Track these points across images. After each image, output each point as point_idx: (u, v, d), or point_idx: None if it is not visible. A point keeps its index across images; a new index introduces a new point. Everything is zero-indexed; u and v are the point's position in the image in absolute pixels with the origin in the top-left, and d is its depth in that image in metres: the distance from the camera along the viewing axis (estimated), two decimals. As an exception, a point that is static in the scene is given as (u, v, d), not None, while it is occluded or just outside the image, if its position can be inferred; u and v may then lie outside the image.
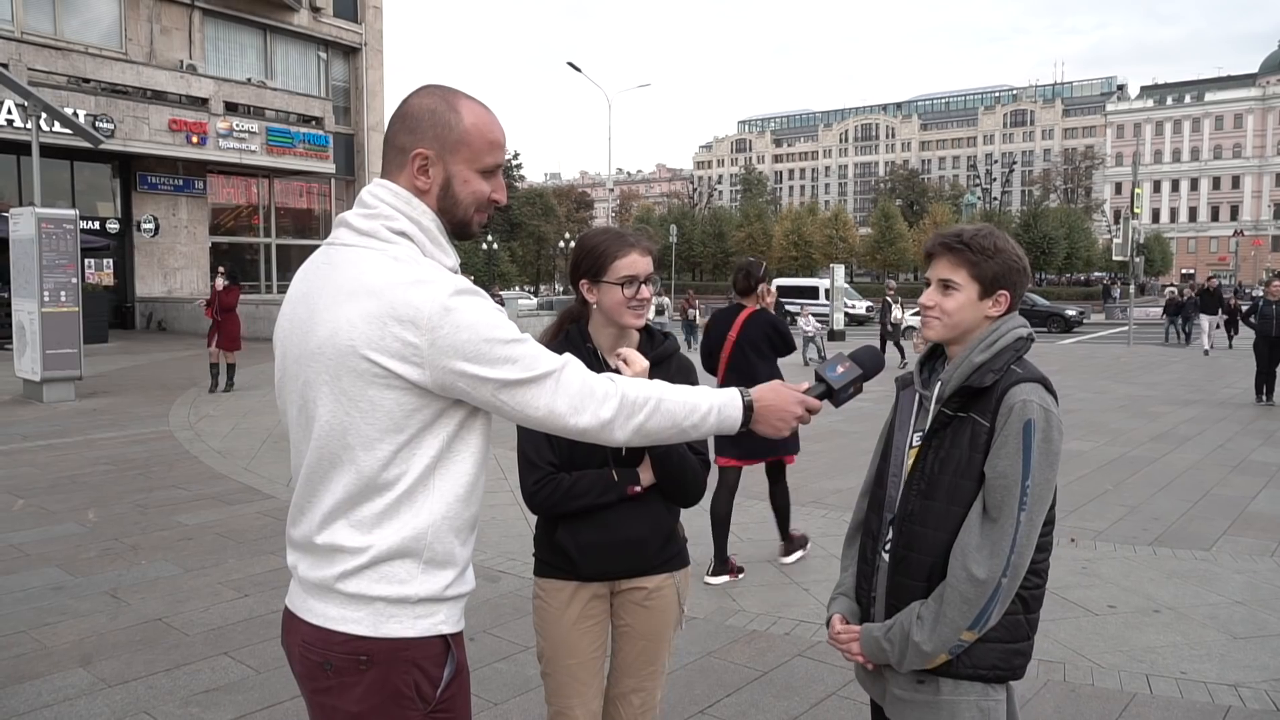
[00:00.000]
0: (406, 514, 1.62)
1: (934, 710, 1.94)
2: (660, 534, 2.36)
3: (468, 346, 1.57)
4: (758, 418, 1.83)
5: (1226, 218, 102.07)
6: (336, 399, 1.60)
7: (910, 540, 1.96)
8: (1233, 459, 8.96)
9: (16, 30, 22.66)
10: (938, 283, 2.02)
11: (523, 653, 4.16)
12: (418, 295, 1.56)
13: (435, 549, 1.64)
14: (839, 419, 11.60)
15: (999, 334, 1.98)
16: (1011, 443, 1.86)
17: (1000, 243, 1.99)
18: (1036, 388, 1.91)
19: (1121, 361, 20.02)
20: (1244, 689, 3.85)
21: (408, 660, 1.62)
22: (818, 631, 4.45)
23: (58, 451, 8.91)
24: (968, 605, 1.84)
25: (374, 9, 31.55)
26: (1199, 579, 5.29)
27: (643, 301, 2.33)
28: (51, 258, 12.15)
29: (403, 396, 1.59)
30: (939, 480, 1.94)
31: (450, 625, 1.69)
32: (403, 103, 1.72)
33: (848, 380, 1.92)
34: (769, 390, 1.86)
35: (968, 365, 1.96)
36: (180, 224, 26.84)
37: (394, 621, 1.61)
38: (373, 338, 1.56)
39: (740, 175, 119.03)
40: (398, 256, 1.62)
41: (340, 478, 1.62)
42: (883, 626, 1.98)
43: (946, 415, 1.97)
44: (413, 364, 1.56)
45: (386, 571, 1.61)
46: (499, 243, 67.42)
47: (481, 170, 1.71)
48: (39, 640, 4.30)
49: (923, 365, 2.13)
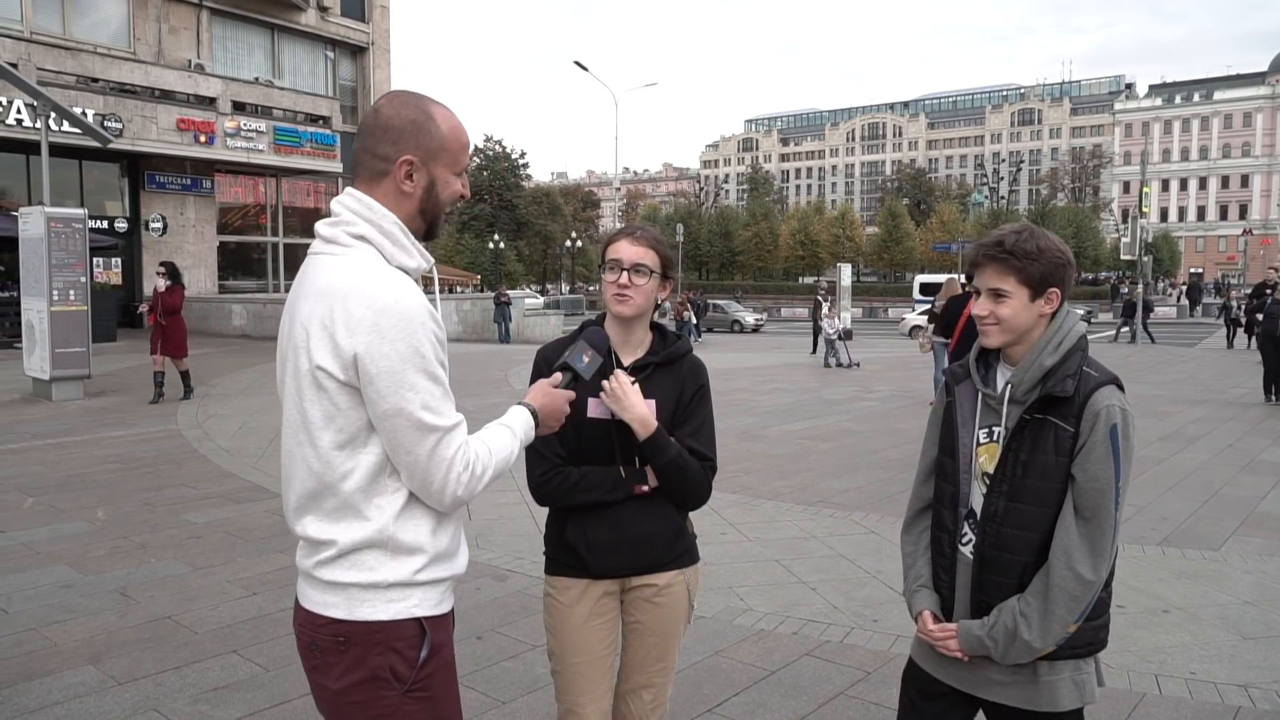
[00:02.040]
0: (364, 508, 1.72)
1: (1034, 689, 2.04)
2: (670, 531, 2.37)
3: (382, 360, 1.64)
4: (541, 422, 2.00)
5: (1235, 217, 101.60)
6: (295, 396, 1.74)
7: (999, 541, 2.05)
8: (1242, 459, 8.92)
9: (26, 30, 22.75)
10: (988, 292, 2.07)
11: (531, 651, 4.17)
12: (355, 300, 1.65)
13: (400, 539, 1.73)
14: (847, 419, 11.60)
15: (1062, 333, 2.04)
16: (1101, 447, 1.94)
17: (1042, 242, 2.03)
18: (1115, 390, 1.99)
19: (1130, 361, 19.96)
20: (1254, 689, 3.84)
21: (381, 642, 1.72)
22: (825, 631, 4.45)
23: (67, 450, 8.94)
24: (1075, 602, 1.95)
25: (381, 8, 31.62)
26: (1208, 579, 5.27)
27: (624, 288, 2.32)
28: (60, 257, 12.19)
29: (340, 396, 1.68)
30: (1024, 484, 2.01)
31: (425, 608, 1.76)
32: (375, 112, 1.82)
33: (593, 369, 2.14)
34: (541, 395, 2.02)
35: (1038, 368, 2.03)
36: (188, 223, 26.92)
37: (367, 605, 1.72)
38: (316, 338, 1.68)
39: (747, 174, 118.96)
40: (352, 260, 1.73)
41: (299, 472, 1.75)
42: (983, 624, 2.05)
43: (1025, 419, 2.02)
44: (341, 365, 1.66)
45: (356, 560, 1.73)
46: (505, 242, 67.42)
47: (456, 171, 1.85)
48: (49, 638, 4.32)
49: (978, 362, 2.18)
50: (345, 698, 1.74)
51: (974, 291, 2.12)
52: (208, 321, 25.43)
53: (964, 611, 2.11)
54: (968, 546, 2.13)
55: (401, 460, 1.70)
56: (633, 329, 2.40)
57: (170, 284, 12.18)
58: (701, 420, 2.38)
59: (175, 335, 12.22)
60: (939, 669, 2.19)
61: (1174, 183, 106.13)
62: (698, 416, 2.38)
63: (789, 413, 12.20)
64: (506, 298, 25.46)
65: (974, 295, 2.12)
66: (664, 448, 2.26)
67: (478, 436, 1.83)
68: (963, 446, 2.14)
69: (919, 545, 2.25)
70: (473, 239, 69.35)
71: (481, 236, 68.76)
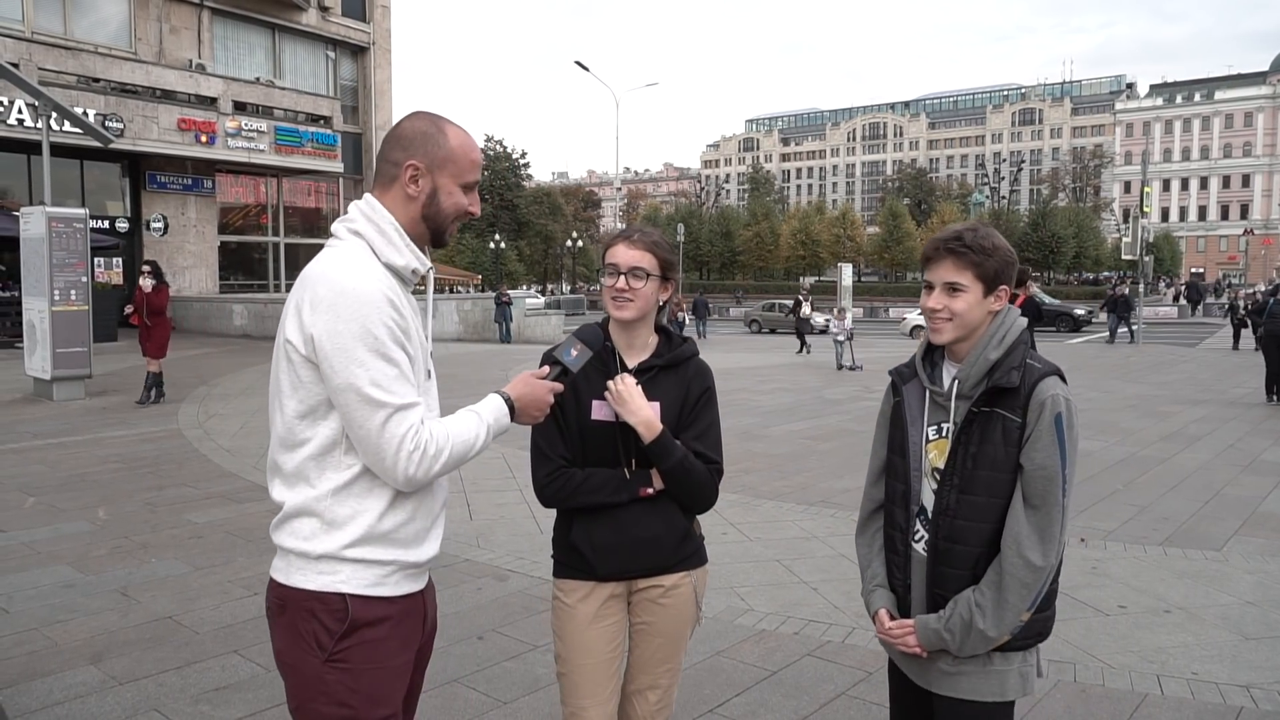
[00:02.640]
0: (312, 476, 1.81)
1: (984, 679, 2.06)
2: (676, 533, 2.36)
3: (336, 339, 1.73)
4: (520, 411, 2.02)
5: (1236, 216, 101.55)
6: (274, 366, 1.87)
7: (952, 533, 2.07)
8: (1243, 459, 8.92)
9: (27, 30, 22.77)
10: (943, 286, 2.08)
11: (531, 651, 4.16)
12: (322, 283, 1.77)
13: (335, 511, 1.80)
14: (847, 419, 11.59)
15: (1005, 328, 2.08)
16: (1046, 436, 1.98)
17: (997, 240, 2.08)
18: (1058, 381, 2.03)
19: (1131, 361, 19.95)
20: (1256, 690, 3.83)
21: (307, 610, 1.80)
22: (827, 631, 4.45)
23: (68, 450, 8.94)
24: (1026, 589, 1.97)
25: (382, 8, 31.62)
26: (1210, 579, 5.27)
27: (621, 291, 2.32)
28: (61, 256, 12.19)
29: (303, 370, 1.78)
30: (974, 476, 2.04)
31: (353, 586, 1.81)
32: (395, 126, 1.97)
33: (582, 362, 2.13)
34: (522, 385, 2.04)
35: (984, 362, 2.07)
36: (189, 223, 26.94)
37: (299, 574, 1.81)
38: (289, 315, 1.81)
39: (748, 174, 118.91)
40: (338, 251, 1.85)
41: (271, 436, 1.88)
42: (938, 618, 2.07)
43: (972, 412, 2.05)
44: (304, 340, 1.76)
45: (295, 527, 1.82)
46: (506, 242, 67.42)
47: (463, 185, 1.95)
48: (50, 638, 4.32)
49: (923, 360, 2.20)
50: (281, 658, 1.86)
51: (925, 286, 2.13)
52: (209, 321, 25.44)
53: (920, 607, 2.13)
54: (920, 543, 2.15)
55: (356, 435, 1.77)
56: (636, 332, 2.39)
57: (155, 284, 11.94)
58: (708, 423, 2.37)
59: (159, 336, 11.95)
60: (901, 663, 2.23)
61: (1175, 183, 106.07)
62: (704, 420, 2.37)
63: (790, 412, 12.21)
64: (507, 298, 25.45)
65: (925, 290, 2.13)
66: (669, 450, 2.25)
67: (439, 420, 1.88)
68: (912, 444, 2.17)
69: (873, 546, 2.29)
70: (474, 239, 69.37)
71: (482, 236, 68.71)
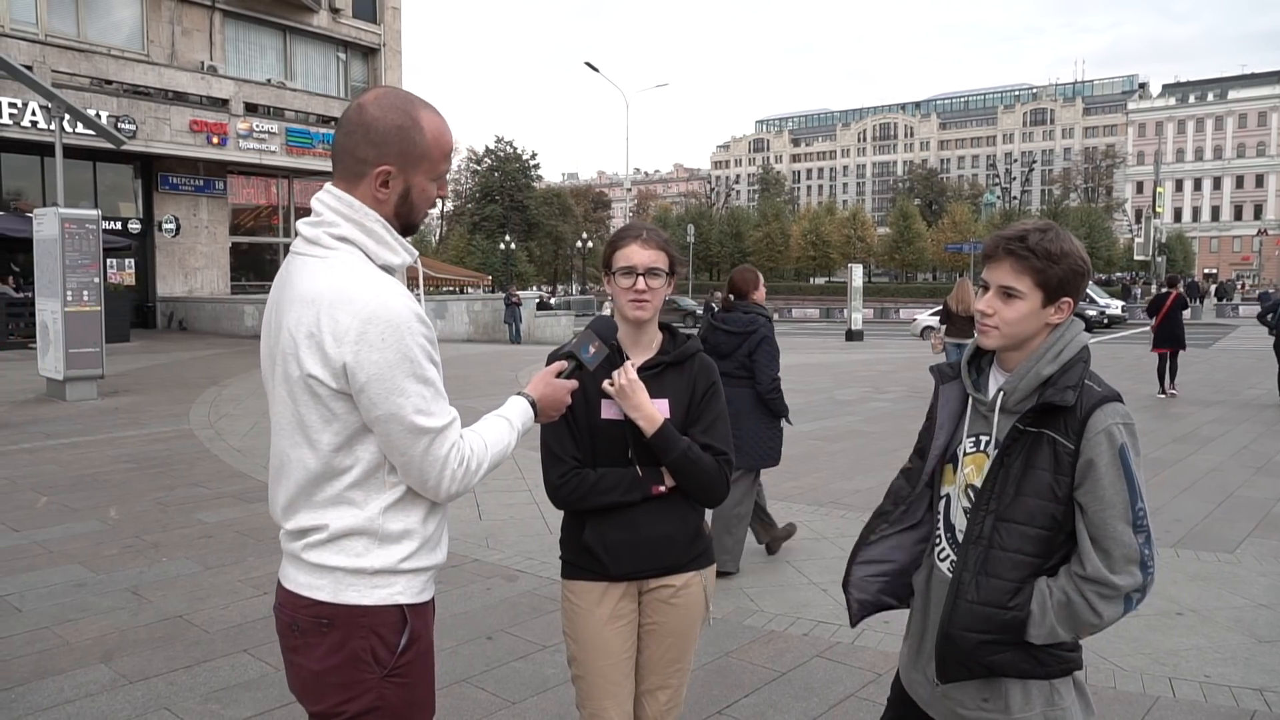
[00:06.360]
0: (359, 498, 1.76)
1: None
2: (687, 532, 2.36)
3: (371, 369, 1.67)
4: (541, 411, 2.04)
5: (1250, 216, 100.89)
6: (289, 400, 1.76)
7: (986, 564, 1.87)
8: (1257, 460, 8.85)
9: (40, 33, 22.89)
10: (998, 289, 1.90)
11: (540, 651, 4.16)
12: (342, 310, 1.67)
13: (389, 529, 1.77)
14: (858, 419, 11.56)
15: (1065, 343, 1.88)
16: (1111, 472, 1.78)
17: (1066, 245, 1.87)
18: (1118, 407, 1.83)
19: (1144, 362, 19.83)
20: (1269, 693, 3.80)
21: (364, 626, 1.76)
22: (836, 632, 4.43)
23: (80, 449, 8.99)
24: (1127, 603, 1.82)
25: (393, 10, 31.67)
26: (1222, 581, 5.23)
27: (641, 293, 2.32)
28: (74, 257, 12.25)
29: (335, 402, 1.71)
30: (1018, 503, 1.84)
31: (408, 596, 1.80)
32: (360, 109, 1.79)
33: (599, 360, 2.17)
34: (542, 385, 2.05)
35: (1034, 377, 1.88)
36: (201, 224, 27.06)
37: (352, 590, 1.76)
38: (305, 347, 1.70)
39: (758, 175, 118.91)
40: (336, 264, 1.73)
41: (295, 473, 1.78)
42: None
43: (1018, 430, 1.86)
44: (332, 373, 1.68)
45: (345, 545, 1.76)
46: (516, 243, 67.50)
47: (435, 177, 1.85)
48: (61, 636, 4.34)
49: (969, 364, 2.04)
50: (325, 679, 1.77)
51: (981, 285, 1.96)
52: (220, 322, 25.52)
53: (931, 633, 1.96)
54: (945, 562, 1.97)
55: (397, 460, 1.74)
56: (644, 330, 2.39)
57: None
58: (715, 416, 2.38)
59: None
60: (912, 688, 2.09)
61: (1188, 183, 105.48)
62: (711, 413, 2.37)
63: (799, 413, 12.10)
64: (517, 298, 25.47)
65: (980, 289, 1.97)
66: (672, 442, 2.26)
67: (473, 430, 1.86)
68: (933, 450, 2.03)
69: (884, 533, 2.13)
70: (484, 240, 69.52)
71: (493, 237, 68.87)
